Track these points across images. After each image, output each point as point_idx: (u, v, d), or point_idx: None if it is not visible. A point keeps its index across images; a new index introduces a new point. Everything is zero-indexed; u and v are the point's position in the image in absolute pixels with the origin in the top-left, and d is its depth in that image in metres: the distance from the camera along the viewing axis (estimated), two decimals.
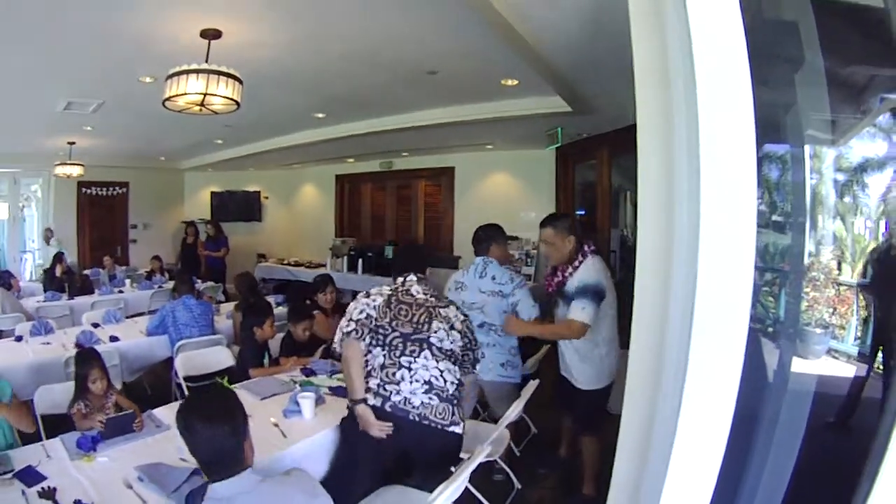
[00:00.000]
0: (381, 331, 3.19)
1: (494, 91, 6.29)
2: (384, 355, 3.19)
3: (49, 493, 2.52)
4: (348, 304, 3.40)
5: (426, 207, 12.31)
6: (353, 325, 3.19)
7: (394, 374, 3.14)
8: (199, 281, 9.10)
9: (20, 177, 13.30)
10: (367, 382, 3.15)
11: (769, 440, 1.90)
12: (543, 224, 4.03)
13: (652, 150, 1.75)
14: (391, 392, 3.11)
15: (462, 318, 3.40)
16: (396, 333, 3.19)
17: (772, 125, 2.17)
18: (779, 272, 2.39)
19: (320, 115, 8.32)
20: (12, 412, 3.29)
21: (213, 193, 15.20)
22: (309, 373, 4.44)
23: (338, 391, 3.99)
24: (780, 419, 1.91)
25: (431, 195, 12.20)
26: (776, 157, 2.24)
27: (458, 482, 2.64)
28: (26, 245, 13.80)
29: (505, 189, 10.48)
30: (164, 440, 3.20)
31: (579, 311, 3.69)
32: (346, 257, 11.48)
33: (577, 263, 3.87)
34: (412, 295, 3.34)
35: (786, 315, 2.35)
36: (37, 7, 4.09)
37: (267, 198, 15.42)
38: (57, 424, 3.59)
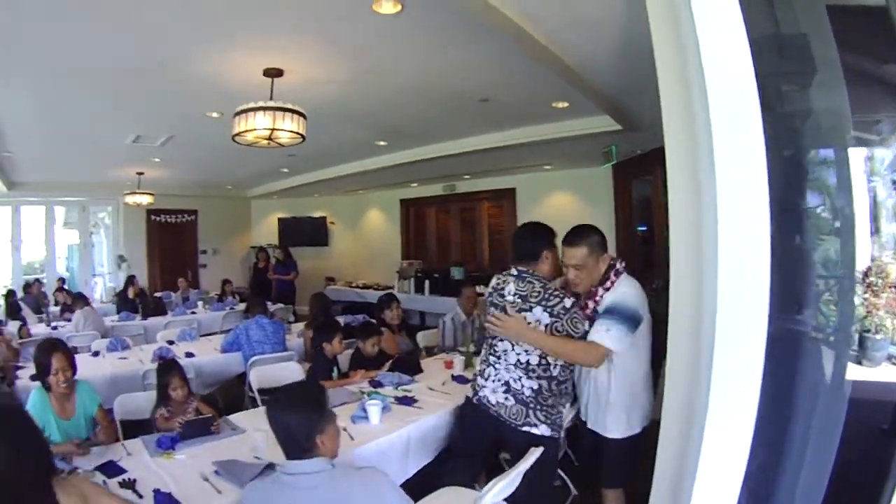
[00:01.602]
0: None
1: (546, 114, 6.49)
2: (485, 350, 3.55)
3: (129, 484, 2.82)
4: (414, 322, 3.67)
5: (490, 228, 12.49)
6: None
7: (484, 370, 3.47)
8: (269, 303, 9.52)
9: (89, 204, 14.07)
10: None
11: (825, 445, 1.98)
12: (573, 242, 3.34)
13: (679, 167, 1.99)
14: (480, 387, 3.46)
15: (548, 322, 3.23)
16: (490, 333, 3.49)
17: (816, 131, 2.31)
18: (838, 278, 2.33)
19: (382, 143, 8.66)
20: (105, 424, 3.73)
21: (280, 219, 15.72)
22: (376, 384, 4.68)
23: (403, 401, 4.23)
24: (836, 424, 1.98)
25: (495, 216, 12.38)
26: (828, 163, 2.29)
27: (506, 481, 2.80)
28: (95, 269, 14.57)
29: (565, 208, 10.60)
30: (239, 441, 3.49)
31: (602, 333, 3.09)
32: (412, 279, 11.74)
33: (609, 284, 3.28)
34: (502, 296, 3.42)
35: (845, 321, 2.30)
36: (107, 51, 4.48)
37: (333, 223, 15.84)
38: (134, 430, 3.93)
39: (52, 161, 9.72)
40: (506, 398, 3.31)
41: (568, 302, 3.21)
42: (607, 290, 3.26)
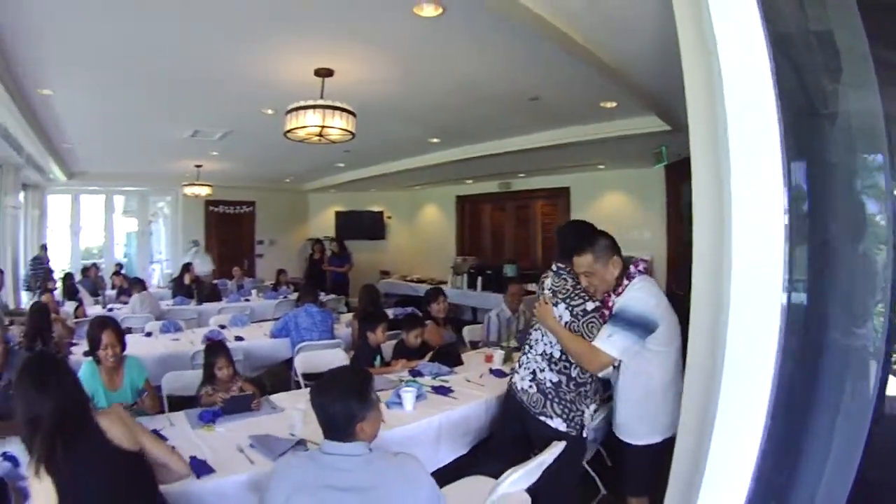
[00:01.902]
0: None
1: (594, 113, 6.53)
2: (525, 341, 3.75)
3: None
4: (466, 318, 3.85)
5: (544, 227, 12.55)
6: None
7: (520, 357, 3.68)
8: (322, 294, 9.81)
9: (148, 194, 14.73)
10: None
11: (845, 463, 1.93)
12: (578, 251, 3.27)
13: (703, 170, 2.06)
14: (515, 373, 3.66)
15: (567, 320, 3.31)
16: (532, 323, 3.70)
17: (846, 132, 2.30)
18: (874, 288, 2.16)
19: (435, 141, 8.83)
20: (150, 396, 3.99)
21: (337, 213, 16.05)
22: (416, 374, 4.84)
23: (439, 390, 4.37)
24: (857, 443, 1.92)
25: (549, 215, 12.42)
26: (861, 166, 2.18)
27: (523, 471, 2.87)
28: (154, 256, 15.25)
29: (618, 208, 10.59)
30: (278, 419, 3.69)
31: (604, 339, 3.09)
32: (465, 275, 11.85)
33: (620, 290, 3.22)
34: (543, 289, 3.57)
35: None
36: (167, 52, 4.76)
37: (390, 217, 16.11)
38: (181, 405, 4.15)
39: (110, 153, 10.21)
40: (530, 386, 3.46)
41: (590, 305, 3.29)
42: (619, 294, 3.21)
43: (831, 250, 2.29)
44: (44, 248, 11.88)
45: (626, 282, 3.21)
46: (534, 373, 3.47)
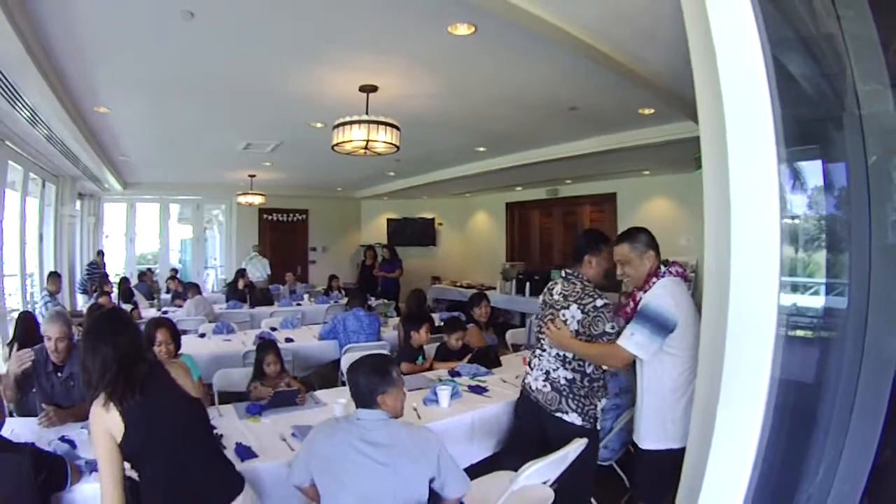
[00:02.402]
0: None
1: (633, 120, 6.64)
2: (534, 345, 3.93)
3: (217, 438, 3.28)
4: (511, 322, 4.08)
5: None
6: None
7: (531, 360, 3.87)
8: (372, 298, 10.10)
9: (203, 203, 15.35)
10: None
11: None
12: (618, 240, 3.50)
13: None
14: (528, 375, 3.87)
15: (580, 318, 3.48)
16: (536, 327, 3.93)
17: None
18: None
19: (481, 149, 9.05)
20: (200, 391, 4.30)
21: (389, 220, 16.36)
22: (455, 374, 5.05)
23: (475, 389, 4.58)
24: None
25: (596, 221, 12.40)
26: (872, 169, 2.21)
27: (542, 463, 3.05)
28: (208, 262, 15.86)
29: (664, 213, 10.58)
30: (320, 412, 3.96)
31: (626, 338, 3.18)
32: (514, 280, 12.00)
33: (647, 286, 3.32)
34: (552, 295, 3.78)
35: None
36: (220, 71, 5.13)
37: (441, 224, 16.38)
38: (231, 401, 4.38)
39: (165, 164, 10.75)
40: (544, 385, 3.66)
41: (599, 302, 3.46)
42: (645, 293, 3.30)
43: (830, 250, 2.46)
44: (100, 253, 12.54)
45: (654, 280, 3.31)
46: (547, 373, 3.66)
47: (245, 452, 3.17)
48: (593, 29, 3.89)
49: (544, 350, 3.73)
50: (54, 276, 8.86)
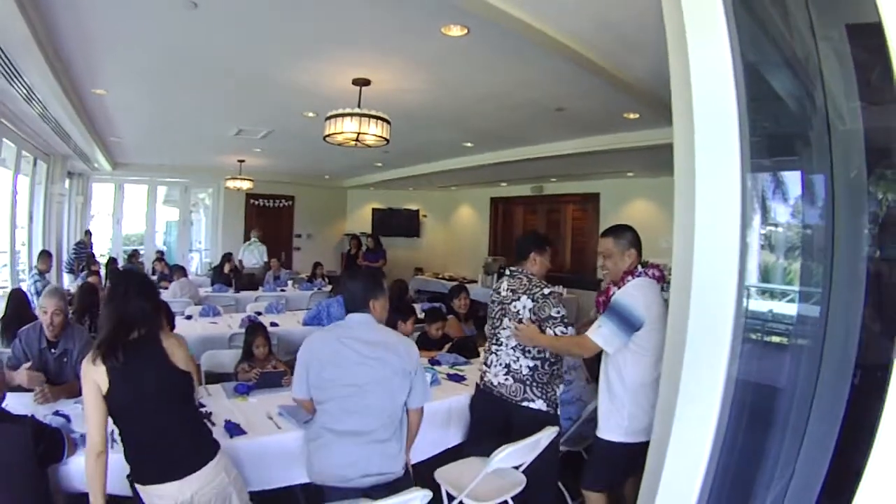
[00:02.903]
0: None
1: (618, 124, 6.82)
2: (487, 343, 4.05)
3: (206, 416, 3.47)
4: (485, 314, 4.22)
5: (573, 231, 12.89)
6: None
7: (487, 358, 3.99)
8: None
9: (190, 186, 15.41)
10: None
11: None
12: (604, 234, 3.56)
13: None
14: (485, 372, 3.98)
15: (531, 306, 3.66)
16: (489, 325, 4.03)
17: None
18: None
19: (468, 145, 9.24)
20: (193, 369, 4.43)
21: (374, 210, 16.56)
22: (435, 362, 5.19)
23: (453, 377, 4.75)
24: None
25: (579, 219, 12.75)
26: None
27: (514, 447, 3.24)
28: (193, 245, 15.97)
29: (646, 215, 10.71)
30: None
31: (594, 329, 3.24)
32: (496, 275, 12.09)
33: (622, 283, 3.36)
34: (500, 293, 3.97)
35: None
36: (216, 60, 5.25)
37: (426, 216, 16.58)
38: (216, 381, 4.56)
39: (156, 147, 10.87)
40: (506, 378, 3.79)
41: (546, 290, 3.68)
42: (619, 289, 3.33)
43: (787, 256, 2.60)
44: (88, 233, 12.67)
45: (630, 278, 3.34)
46: (507, 366, 3.80)
47: (234, 429, 3.34)
48: (578, 35, 4.09)
49: (501, 344, 3.87)
50: (45, 254, 8.87)
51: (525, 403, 3.70)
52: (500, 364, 3.84)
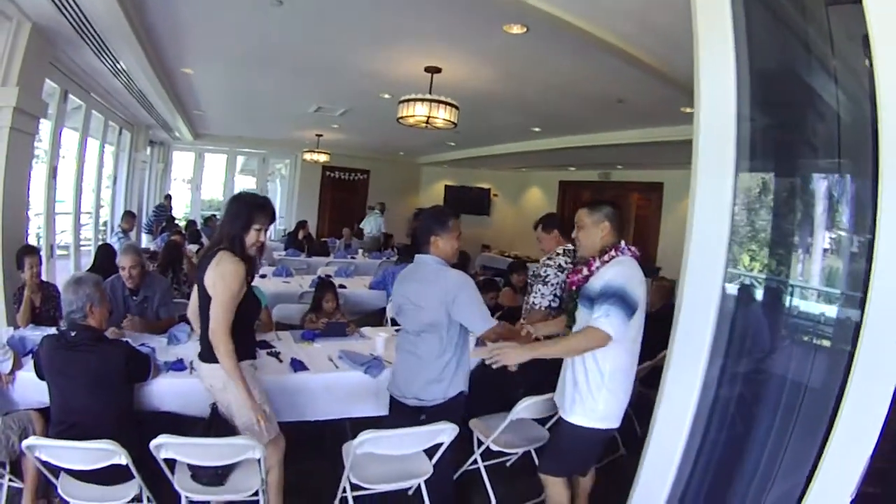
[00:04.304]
0: None
1: (677, 116, 6.96)
2: None
3: (275, 354, 4.06)
4: None
5: (637, 219, 13.04)
6: None
7: None
8: None
9: (268, 157, 16.32)
10: None
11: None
12: (581, 206, 3.31)
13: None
14: None
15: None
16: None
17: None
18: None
19: (536, 129, 9.69)
20: (265, 320, 5.03)
21: (447, 187, 17.16)
22: None
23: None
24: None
25: (643, 208, 12.94)
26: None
27: (529, 402, 3.54)
28: None
29: None
30: (364, 344, 4.62)
31: (602, 320, 2.86)
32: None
33: (607, 258, 3.09)
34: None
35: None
36: (301, 47, 5.83)
37: (496, 195, 17.04)
38: (285, 329, 5.09)
39: (238, 120, 11.68)
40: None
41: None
42: (605, 262, 3.08)
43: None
44: (168, 197, 13.60)
45: (615, 254, 3.08)
46: None
47: (299, 366, 3.90)
48: (626, 36, 4.50)
49: None
50: (129, 215, 9.66)
51: None
52: None
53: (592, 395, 3.02)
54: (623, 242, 3.15)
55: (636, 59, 4.80)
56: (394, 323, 5.93)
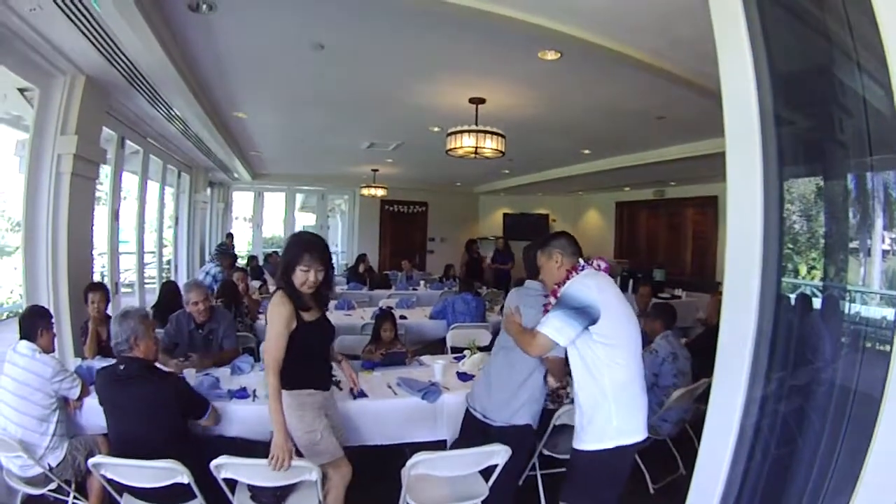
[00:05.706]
0: None
1: (719, 128, 6.96)
2: None
3: (336, 383, 4.09)
4: None
5: (694, 234, 12.98)
6: None
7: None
8: (484, 286, 10.98)
9: (327, 193, 16.64)
10: None
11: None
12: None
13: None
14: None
15: None
16: None
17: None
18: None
19: (586, 152, 9.78)
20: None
21: (505, 214, 17.25)
22: None
23: None
24: None
25: (699, 223, 12.85)
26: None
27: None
28: (330, 247, 16.99)
29: None
30: (422, 371, 4.72)
31: (543, 323, 2.96)
32: (619, 277, 12.39)
33: (564, 281, 3.11)
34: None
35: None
36: (349, 86, 6.07)
37: (555, 220, 17.05)
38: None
39: (293, 159, 12.08)
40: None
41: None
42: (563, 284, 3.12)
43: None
44: (230, 236, 13.90)
45: (573, 274, 3.10)
46: None
47: (359, 394, 4.04)
48: (656, 51, 4.61)
49: None
50: (226, 255, 9.84)
51: None
52: None
53: (600, 413, 2.92)
54: (581, 260, 3.18)
55: (668, 73, 4.89)
56: (454, 351, 6.09)
